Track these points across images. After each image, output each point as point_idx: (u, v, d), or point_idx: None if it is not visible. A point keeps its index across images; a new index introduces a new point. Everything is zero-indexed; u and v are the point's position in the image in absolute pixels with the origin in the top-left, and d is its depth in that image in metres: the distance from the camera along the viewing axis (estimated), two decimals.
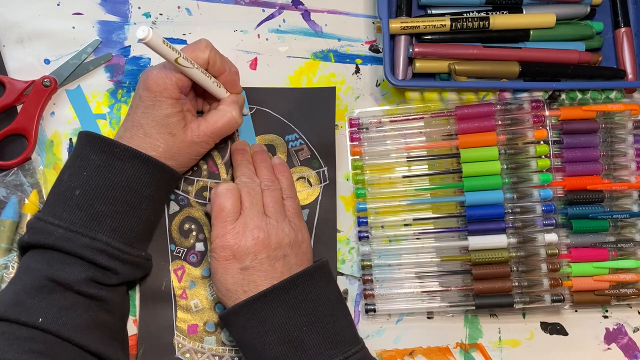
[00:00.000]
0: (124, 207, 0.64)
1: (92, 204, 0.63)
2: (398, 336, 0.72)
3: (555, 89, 0.76)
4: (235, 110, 0.68)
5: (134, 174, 0.64)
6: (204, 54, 0.66)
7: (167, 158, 0.66)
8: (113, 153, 0.64)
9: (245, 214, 0.65)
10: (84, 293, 0.61)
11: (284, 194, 0.69)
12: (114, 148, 0.64)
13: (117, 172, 0.64)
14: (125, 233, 0.64)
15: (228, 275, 0.63)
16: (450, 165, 0.73)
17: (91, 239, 0.62)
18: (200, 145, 0.68)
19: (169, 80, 0.65)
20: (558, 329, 0.73)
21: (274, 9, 0.78)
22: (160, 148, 0.65)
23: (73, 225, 0.62)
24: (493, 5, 0.76)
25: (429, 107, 0.75)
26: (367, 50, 0.78)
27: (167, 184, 0.68)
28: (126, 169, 0.64)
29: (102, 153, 0.64)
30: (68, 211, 0.63)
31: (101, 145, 0.64)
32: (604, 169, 0.73)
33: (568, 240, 0.72)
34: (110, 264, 0.62)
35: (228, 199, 0.65)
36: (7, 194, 0.71)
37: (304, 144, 0.74)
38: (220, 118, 0.68)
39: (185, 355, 0.70)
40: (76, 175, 0.64)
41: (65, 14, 0.76)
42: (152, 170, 0.65)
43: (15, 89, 0.72)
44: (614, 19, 0.78)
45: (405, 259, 0.72)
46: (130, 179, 0.64)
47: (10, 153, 0.72)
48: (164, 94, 0.65)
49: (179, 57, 0.62)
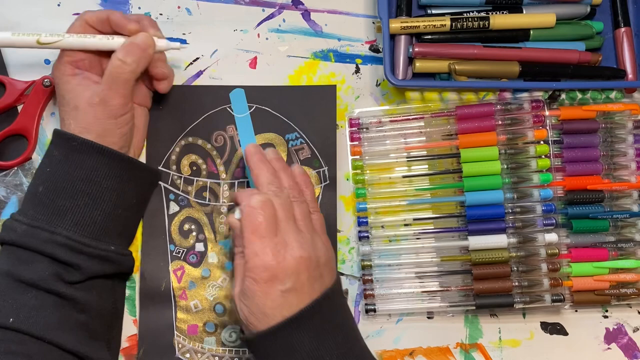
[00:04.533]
0: (85, 200, 0.63)
1: (54, 198, 0.63)
2: (398, 336, 0.72)
3: (555, 89, 0.76)
4: (122, 52, 0.65)
5: (92, 166, 0.64)
6: (76, 23, 0.67)
7: (82, 132, 0.64)
8: (72, 147, 0.64)
9: (283, 229, 0.60)
10: (51, 291, 0.61)
11: (310, 208, 0.65)
12: (72, 142, 0.64)
13: (76, 166, 0.64)
14: (89, 226, 0.63)
15: (268, 299, 0.58)
16: (450, 165, 0.73)
17: (51, 233, 0.61)
18: (105, 105, 0.65)
19: (59, 61, 0.67)
20: (558, 329, 0.73)
21: (274, 8, 0.78)
22: (71, 124, 0.65)
23: (35, 220, 0.62)
24: (493, 5, 0.76)
25: (429, 107, 0.75)
26: (367, 50, 0.78)
27: (133, 176, 0.67)
28: (84, 161, 0.64)
29: (63, 148, 0.65)
30: (32, 208, 0.63)
31: (61, 140, 0.65)
32: (604, 169, 0.72)
33: (568, 240, 0.72)
34: (72, 259, 0.61)
35: (265, 212, 0.59)
36: (7, 193, 0.71)
37: (304, 143, 0.74)
38: (109, 68, 0.65)
39: (185, 355, 0.70)
40: (41, 171, 0.65)
41: (66, 14, 0.76)
42: (108, 160, 0.65)
43: (16, 89, 0.72)
44: (614, 19, 0.78)
45: (405, 259, 0.72)
46: (91, 171, 0.64)
47: (10, 153, 0.72)
48: (58, 75, 0.66)
49: (39, 37, 0.64)
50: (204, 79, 0.76)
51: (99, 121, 0.65)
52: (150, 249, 0.72)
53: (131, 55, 0.65)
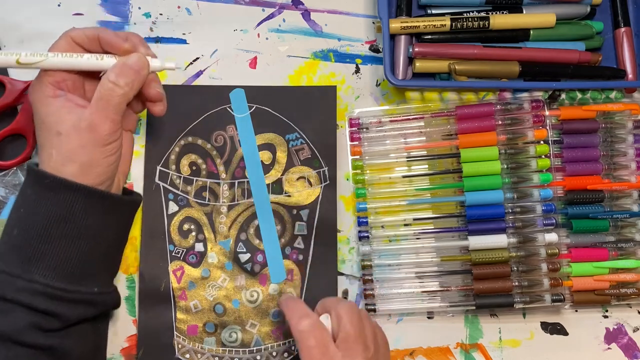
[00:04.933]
0: (62, 242, 0.57)
1: (29, 242, 0.57)
2: (398, 336, 0.72)
3: (555, 88, 0.76)
4: (113, 73, 0.58)
5: (67, 204, 0.57)
6: (61, 41, 0.60)
7: (65, 162, 0.57)
8: (44, 185, 0.57)
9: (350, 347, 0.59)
10: (27, 344, 0.55)
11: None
12: (44, 179, 0.57)
13: (49, 205, 0.57)
14: (68, 270, 0.57)
15: None
16: (450, 165, 0.73)
17: (27, 281, 0.56)
18: (92, 131, 0.57)
19: (38, 81, 0.59)
20: (558, 329, 0.73)
21: (274, 8, 0.78)
22: (53, 155, 0.57)
23: (9, 266, 0.56)
24: (493, 5, 0.76)
25: (429, 107, 0.75)
26: (367, 50, 0.78)
27: (110, 211, 0.60)
28: (58, 199, 0.57)
29: (35, 186, 0.58)
30: (8, 252, 0.57)
31: (34, 178, 0.58)
32: (604, 169, 0.72)
33: (568, 240, 0.72)
34: (51, 307, 0.56)
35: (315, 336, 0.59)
36: (5, 193, 0.71)
37: (304, 143, 0.74)
38: (98, 88, 0.58)
39: (185, 355, 0.70)
40: (16, 212, 0.59)
41: (66, 14, 0.76)
42: (84, 198, 0.57)
43: (15, 89, 0.72)
44: (614, 19, 0.78)
45: (405, 259, 0.72)
46: (64, 210, 0.57)
47: (10, 153, 0.72)
48: (37, 96, 0.59)
49: (19, 57, 0.57)
50: (204, 79, 0.76)
51: (84, 149, 0.57)
52: (149, 249, 0.72)
53: (124, 78, 0.59)
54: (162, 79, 0.75)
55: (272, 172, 0.73)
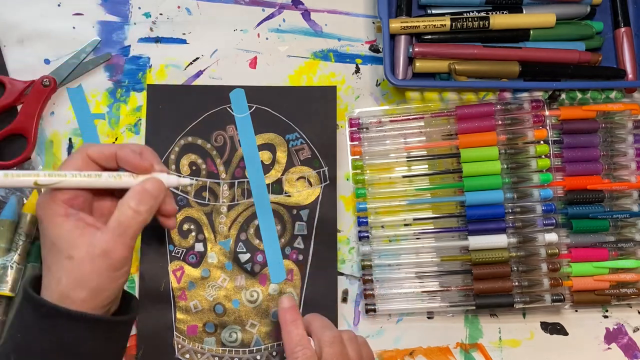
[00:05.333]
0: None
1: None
2: (398, 336, 0.72)
3: (555, 88, 0.76)
4: (135, 200, 0.57)
5: (66, 333, 0.54)
6: (76, 158, 0.58)
7: (76, 288, 0.54)
8: (42, 313, 0.54)
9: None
10: None
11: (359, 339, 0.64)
12: (41, 307, 0.54)
13: (48, 333, 0.54)
14: None
15: None
16: (450, 165, 0.73)
17: None
18: (105, 258, 0.55)
19: (51, 199, 0.56)
20: (558, 329, 0.73)
21: (274, 8, 0.78)
22: (62, 279, 0.54)
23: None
24: (493, 5, 0.76)
25: (429, 107, 0.75)
26: (367, 50, 0.77)
27: (110, 336, 0.58)
28: (57, 328, 0.54)
29: (33, 313, 0.55)
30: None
31: (32, 303, 0.55)
32: (604, 169, 0.72)
33: (568, 240, 0.72)
34: None
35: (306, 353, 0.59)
36: (5, 194, 0.70)
37: (304, 143, 0.74)
38: (117, 215, 0.56)
39: (185, 355, 0.70)
40: (13, 337, 0.56)
41: (66, 14, 0.76)
42: (84, 326, 0.55)
43: (15, 89, 0.72)
44: (614, 19, 0.78)
45: (405, 259, 0.72)
46: (62, 339, 0.54)
47: (10, 153, 0.72)
48: (47, 214, 0.56)
49: (37, 178, 0.55)
50: (204, 79, 0.76)
51: (96, 275, 0.55)
52: (149, 250, 0.72)
53: (144, 204, 0.57)
54: (162, 79, 0.75)
55: (272, 172, 0.74)
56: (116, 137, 0.74)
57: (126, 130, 0.74)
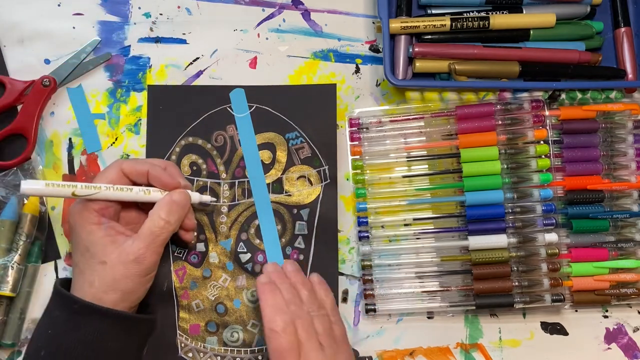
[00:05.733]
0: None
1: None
2: (398, 336, 0.72)
3: (555, 88, 0.76)
4: (164, 211, 0.63)
5: (96, 329, 0.59)
6: (111, 172, 0.63)
7: (108, 290, 0.60)
8: (73, 310, 0.59)
9: (306, 350, 0.60)
10: None
11: (330, 317, 0.65)
12: (73, 304, 0.59)
13: (78, 330, 0.59)
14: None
15: None
16: (450, 165, 0.73)
17: None
18: (137, 263, 0.61)
19: (84, 208, 0.61)
20: (558, 329, 0.73)
21: (274, 8, 0.78)
22: (95, 282, 0.60)
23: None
24: (493, 5, 0.76)
25: (429, 107, 0.75)
26: (367, 50, 0.78)
27: (137, 333, 0.63)
28: (87, 325, 0.59)
29: (64, 309, 0.60)
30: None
31: (63, 301, 0.60)
32: (604, 169, 0.73)
33: (568, 240, 0.72)
34: None
35: (287, 337, 0.60)
36: (6, 194, 0.70)
37: (304, 142, 0.74)
38: (149, 224, 0.62)
39: (188, 354, 0.70)
40: (43, 333, 0.60)
41: (66, 14, 0.76)
42: (114, 323, 0.60)
43: (15, 89, 0.72)
44: (614, 19, 0.78)
45: (405, 259, 0.72)
46: (93, 335, 0.59)
47: (10, 153, 0.72)
48: (80, 222, 0.61)
49: (75, 189, 0.60)
50: (204, 79, 0.76)
51: (128, 279, 0.60)
52: None
53: (174, 215, 0.63)
54: (162, 79, 0.75)
55: (272, 171, 0.74)
56: (116, 137, 0.74)
57: (126, 130, 0.74)
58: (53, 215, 0.72)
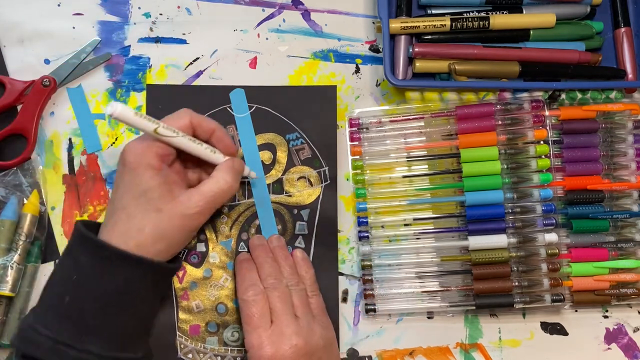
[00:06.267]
0: (115, 312, 0.58)
1: (82, 312, 0.58)
2: (398, 336, 0.72)
3: (555, 89, 0.76)
4: (230, 176, 0.63)
5: (125, 277, 0.58)
6: (184, 120, 0.63)
7: (157, 239, 0.59)
8: (102, 256, 0.58)
9: (279, 319, 0.63)
10: None
11: (308, 291, 0.68)
12: (103, 251, 0.58)
13: (107, 276, 0.58)
14: (118, 339, 0.59)
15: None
16: (450, 165, 0.73)
17: (79, 351, 0.56)
18: (193, 218, 0.61)
19: (147, 147, 0.60)
20: (558, 329, 0.73)
21: (274, 8, 0.78)
22: (146, 229, 0.59)
23: (61, 336, 0.57)
24: (493, 5, 0.76)
25: (429, 107, 0.75)
26: (367, 50, 0.78)
27: (163, 282, 0.65)
28: (116, 272, 0.58)
29: (92, 255, 0.59)
30: (57, 320, 0.58)
31: (91, 246, 0.59)
32: (604, 169, 0.73)
33: (568, 240, 0.72)
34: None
35: (257, 305, 0.63)
36: (6, 194, 0.70)
37: (305, 143, 0.74)
38: (214, 186, 0.62)
39: (188, 355, 0.70)
40: (66, 278, 0.59)
41: (66, 14, 0.76)
42: (144, 271, 0.59)
43: (15, 89, 0.72)
44: (614, 19, 0.78)
45: (405, 259, 0.72)
46: (121, 282, 0.58)
47: (10, 153, 0.72)
48: (141, 163, 0.60)
49: (158, 127, 0.59)
50: (204, 79, 0.76)
51: (180, 232, 0.61)
52: None
53: (236, 180, 0.64)
54: (162, 79, 0.75)
55: (272, 172, 0.74)
56: (116, 137, 0.74)
57: (126, 130, 0.74)
58: (53, 215, 0.72)
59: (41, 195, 0.72)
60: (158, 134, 0.59)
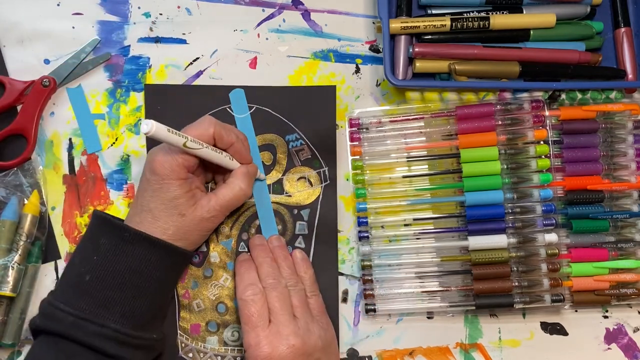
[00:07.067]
0: (134, 292, 0.62)
1: (102, 289, 0.61)
2: (398, 336, 0.72)
3: (555, 89, 0.76)
4: (244, 182, 0.68)
5: (144, 258, 0.63)
6: (209, 131, 0.65)
7: (178, 239, 0.65)
8: (123, 238, 0.63)
9: (277, 319, 0.64)
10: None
11: (308, 292, 0.69)
12: (123, 232, 0.63)
13: (127, 257, 0.62)
14: (135, 317, 0.62)
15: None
16: (450, 165, 0.73)
17: (100, 326, 0.60)
18: (210, 221, 0.66)
19: (175, 162, 0.63)
20: (558, 329, 0.73)
21: (274, 8, 0.78)
22: (170, 230, 0.64)
23: (82, 312, 0.60)
24: (493, 5, 0.76)
25: (429, 107, 0.75)
26: (367, 50, 0.77)
27: (179, 265, 0.68)
28: (136, 253, 0.63)
29: (112, 237, 0.63)
30: (78, 297, 0.61)
31: (111, 229, 0.64)
32: (604, 169, 0.73)
33: (568, 240, 0.72)
34: (119, 352, 0.60)
35: (256, 305, 0.64)
36: (6, 194, 0.70)
37: (304, 144, 0.74)
38: (230, 192, 0.67)
39: (188, 354, 0.70)
40: (87, 259, 0.63)
41: (65, 14, 0.76)
42: (162, 253, 0.64)
43: (15, 89, 0.72)
44: (614, 19, 0.78)
45: (405, 259, 0.72)
46: (140, 263, 0.63)
47: (10, 153, 0.72)
48: (171, 176, 0.64)
49: (187, 141, 0.62)
50: (204, 79, 0.76)
51: (198, 232, 0.67)
52: None
53: (250, 187, 0.69)
54: (162, 79, 0.75)
55: (272, 172, 0.74)
56: (116, 137, 0.74)
57: (126, 130, 0.74)
58: (53, 215, 0.72)
59: (41, 195, 0.72)
60: (186, 147, 0.62)
